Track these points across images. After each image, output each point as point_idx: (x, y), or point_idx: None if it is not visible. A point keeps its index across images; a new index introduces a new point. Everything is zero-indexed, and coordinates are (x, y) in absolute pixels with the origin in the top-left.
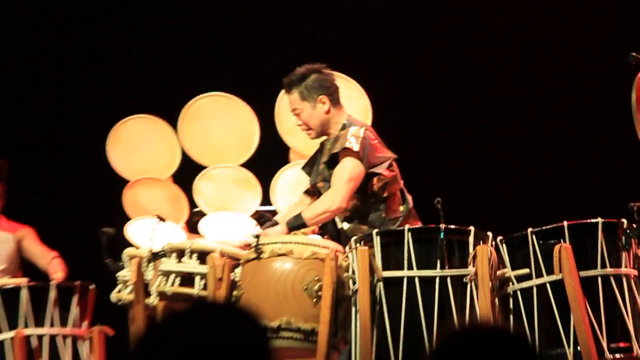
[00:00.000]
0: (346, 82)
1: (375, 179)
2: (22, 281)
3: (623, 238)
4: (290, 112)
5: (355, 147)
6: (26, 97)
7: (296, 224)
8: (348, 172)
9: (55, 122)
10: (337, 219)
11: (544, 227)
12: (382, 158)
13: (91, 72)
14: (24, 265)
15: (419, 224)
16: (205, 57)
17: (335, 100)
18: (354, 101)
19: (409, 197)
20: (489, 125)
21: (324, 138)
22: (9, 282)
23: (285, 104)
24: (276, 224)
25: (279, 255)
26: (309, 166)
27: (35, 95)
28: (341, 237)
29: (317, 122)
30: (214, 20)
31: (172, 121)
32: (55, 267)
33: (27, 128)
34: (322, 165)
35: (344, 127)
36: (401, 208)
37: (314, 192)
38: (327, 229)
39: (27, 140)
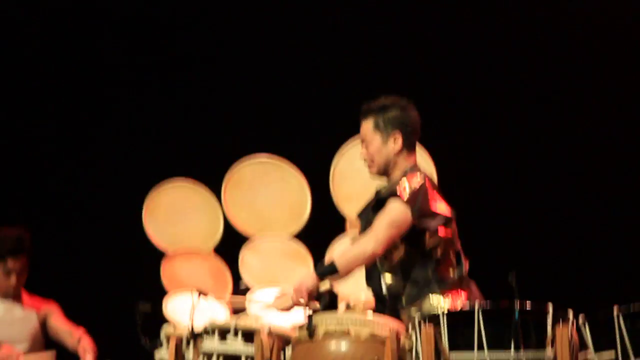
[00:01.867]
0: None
1: (427, 235)
2: (51, 354)
3: None
4: (359, 140)
5: (406, 195)
6: (55, 157)
7: (327, 271)
8: (390, 217)
9: (86, 185)
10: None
11: (632, 305)
12: (437, 213)
13: (126, 132)
14: (48, 343)
15: (467, 293)
16: (253, 117)
17: (409, 144)
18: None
19: (466, 263)
20: (567, 189)
21: (381, 185)
22: (30, 359)
23: (340, 170)
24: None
25: (334, 335)
26: (362, 214)
27: (66, 155)
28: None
29: (382, 159)
30: (262, 78)
31: (215, 187)
32: (85, 347)
33: (54, 191)
34: (371, 213)
35: (405, 174)
36: (452, 273)
37: None
38: (374, 284)
39: (53, 206)
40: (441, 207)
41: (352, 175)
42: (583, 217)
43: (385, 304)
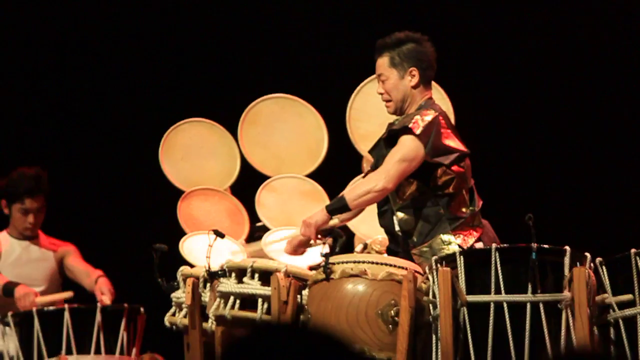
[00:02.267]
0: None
1: (440, 171)
2: (68, 294)
3: None
4: (376, 77)
5: (418, 129)
6: (72, 98)
7: (337, 206)
8: (402, 152)
9: (103, 125)
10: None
11: None
12: (451, 149)
13: (142, 72)
14: (66, 285)
15: (481, 232)
16: (269, 55)
17: (425, 79)
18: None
19: (479, 202)
20: (587, 132)
21: (395, 118)
22: (47, 299)
23: (356, 108)
24: (347, 243)
25: (351, 276)
26: (375, 149)
27: (83, 94)
28: (397, 228)
29: (400, 95)
30: (278, 17)
31: (231, 126)
32: (101, 288)
33: (70, 132)
34: (383, 147)
35: (419, 108)
36: (464, 210)
37: None
38: (386, 221)
39: (70, 147)
40: (455, 143)
41: (369, 113)
42: (601, 160)
43: (398, 242)
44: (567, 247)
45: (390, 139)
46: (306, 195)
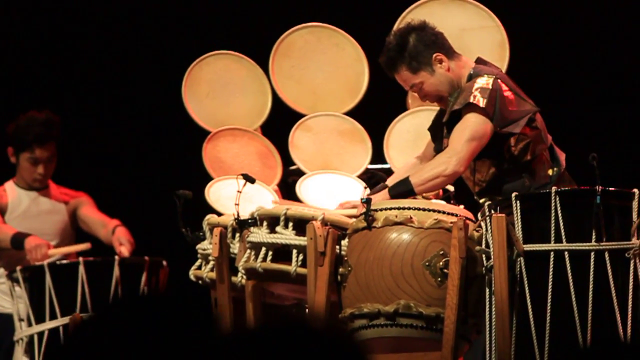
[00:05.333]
0: (476, 9)
1: (513, 140)
2: (85, 246)
3: None
4: (409, 91)
5: (482, 102)
6: (86, 30)
7: (401, 191)
8: (470, 130)
9: (118, 60)
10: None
11: None
12: (520, 113)
13: (166, 3)
14: (80, 240)
15: None
16: None
17: (450, 53)
18: (486, 34)
19: (561, 157)
20: None
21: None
22: (61, 251)
23: None
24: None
25: (395, 224)
26: (434, 128)
27: (97, 28)
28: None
29: (446, 87)
30: None
31: (262, 59)
32: (119, 238)
33: (84, 68)
34: (445, 130)
35: (469, 78)
36: (550, 172)
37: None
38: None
39: (82, 85)
40: (521, 104)
41: None
42: None
43: None
44: (636, 190)
45: (453, 120)
46: (345, 135)
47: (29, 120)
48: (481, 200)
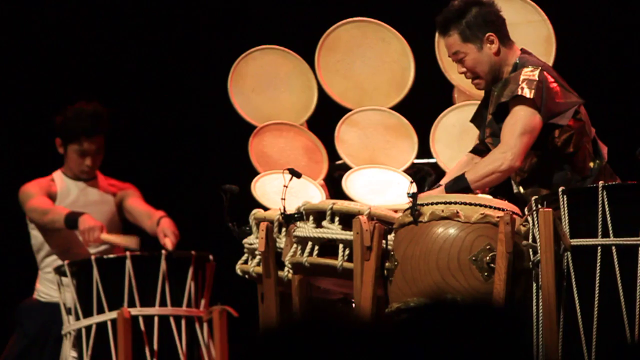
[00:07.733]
0: (523, 4)
1: (557, 132)
2: (135, 240)
3: None
4: (450, 58)
5: (529, 94)
6: (133, 24)
7: (457, 188)
8: (521, 124)
9: (165, 55)
10: (512, 183)
11: None
12: (565, 105)
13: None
14: (126, 231)
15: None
16: None
17: (504, 37)
18: (533, 28)
19: (604, 150)
20: None
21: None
22: (113, 239)
23: None
24: (437, 182)
25: (442, 218)
26: (477, 118)
27: (144, 23)
28: (518, 205)
29: (487, 67)
30: None
31: (308, 53)
32: (164, 229)
33: (131, 62)
34: (489, 117)
35: (515, 68)
36: (592, 164)
37: (482, 150)
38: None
39: (132, 79)
40: (567, 96)
41: None
42: None
43: None
44: None
45: (500, 113)
46: (391, 129)
47: (77, 113)
48: (521, 189)
